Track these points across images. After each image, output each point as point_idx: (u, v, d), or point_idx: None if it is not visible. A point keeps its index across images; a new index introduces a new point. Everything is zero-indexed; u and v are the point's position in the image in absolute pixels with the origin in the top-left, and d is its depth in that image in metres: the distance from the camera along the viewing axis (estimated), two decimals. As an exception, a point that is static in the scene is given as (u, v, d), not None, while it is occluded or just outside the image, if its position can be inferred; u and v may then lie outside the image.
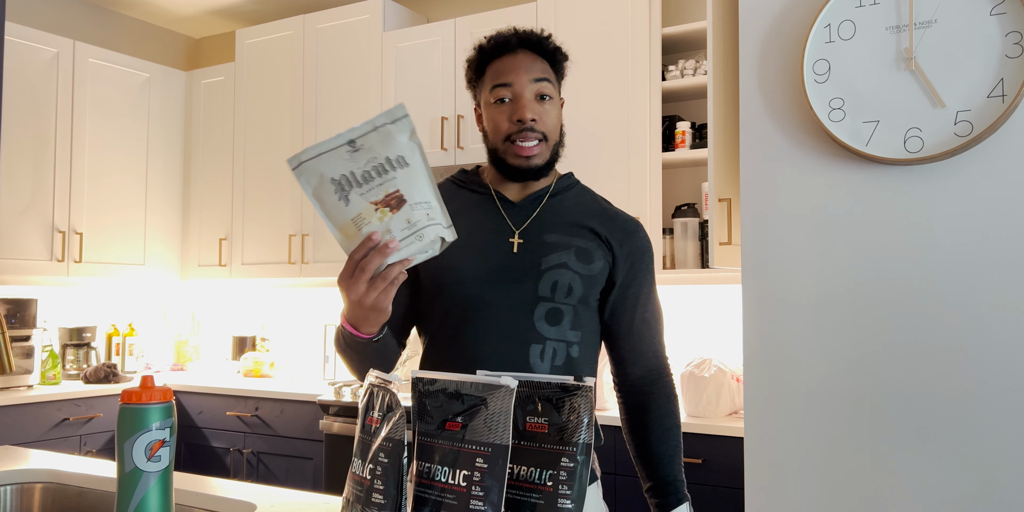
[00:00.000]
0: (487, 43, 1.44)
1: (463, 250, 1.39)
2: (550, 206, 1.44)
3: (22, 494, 1.62)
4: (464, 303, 1.38)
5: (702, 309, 3.15)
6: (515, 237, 1.40)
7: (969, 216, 1.28)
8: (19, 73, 3.50)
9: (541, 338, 1.36)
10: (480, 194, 1.46)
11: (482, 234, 1.41)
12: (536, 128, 1.38)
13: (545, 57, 1.42)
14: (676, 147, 2.98)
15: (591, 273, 1.39)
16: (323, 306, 4.11)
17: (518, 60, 1.40)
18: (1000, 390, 1.25)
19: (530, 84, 1.38)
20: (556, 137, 1.42)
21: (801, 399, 1.41)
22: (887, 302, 1.33)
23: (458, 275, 1.38)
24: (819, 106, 1.37)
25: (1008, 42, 1.25)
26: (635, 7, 2.99)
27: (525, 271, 1.37)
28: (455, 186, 1.50)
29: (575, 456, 0.94)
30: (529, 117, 1.37)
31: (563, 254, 1.38)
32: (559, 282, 1.37)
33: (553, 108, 1.41)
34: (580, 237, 1.41)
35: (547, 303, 1.37)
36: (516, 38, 1.41)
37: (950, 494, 1.28)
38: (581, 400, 0.95)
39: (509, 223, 1.42)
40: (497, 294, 1.37)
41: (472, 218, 1.43)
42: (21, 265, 3.49)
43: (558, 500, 0.93)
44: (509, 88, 1.38)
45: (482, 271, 1.38)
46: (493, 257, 1.39)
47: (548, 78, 1.40)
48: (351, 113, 3.69)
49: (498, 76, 1.40)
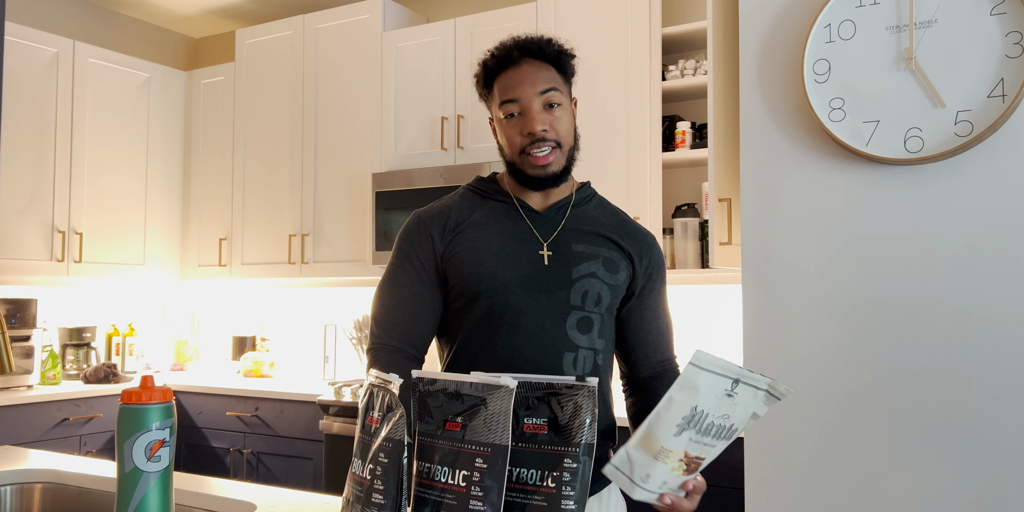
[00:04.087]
0: (490, 59, 1.44)
1: (497, 258, 1.40)
2: (574, 216, 1.46)
3: (22, 494, 1.62)
4: (499, 311, 1.38)
5: (702, 309, 3.15)
6: (544, 249, 1.42)
7: (969, 216, 1.28)
8: (19, 73, 3.50)
9: (574, 347, 1.38)
10: (505, 203, 1.47)
11: (515, 243, 1.42)
12: (548, 137, 1.39)
13: (550, 62, 1.42)
14: (676, 147, 2.98)
15: (617, 283, 1.42)
16: (323, 306, 4.10)
17: (523, 73, 1.40)
18: (998, 389, 1.25)
19: (536, 97, 1.38)
20: (570, 142, 1.43)
21: (801, 398, 1.41)
22: (886, 301, 1.33)
23: (493, 282, 1.39)
24: (819, 106, 1.37)
25: (1008, 42, 1.25)
26: (635, 7, 2.99)
27: (557, 281, 1.39)
28: (477, 196, 1.50)
29: (578, 456, 0.94)
30: (539, 129, 1.38)
31: (592, 264, 1.41)
32: (589, 291, 1.39)
33: (564, 114, 1.41)
34: (606, 248, 1.43)
35: (579, 312, 1.39)
36: (517, 50, 1.41)
37: (950, 494, 1.28)
38: (583, 400, 0.95)
39: (536, 233, 1.43)
40: (531, 303, 1.38)
41: (502, 227, 1.43)
42: (21, 265, 3.49)
43: (561, 501, 0.92)
44: (516, 103, 1.39)
45: (516, 280, 1.39)
46: (525, 266, 1.40)
47: (554, 86, 1.40)
48: (351, 113, 3.69)
49: (504, 92, 1.41)
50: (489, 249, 1.41)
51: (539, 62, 1.42)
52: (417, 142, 3.50)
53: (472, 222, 1.45)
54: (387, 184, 3.48)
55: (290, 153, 3.85)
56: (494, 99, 1.43)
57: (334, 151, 3.73)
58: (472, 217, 1.45)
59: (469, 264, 1.41)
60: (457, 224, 1.45)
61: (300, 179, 3.81)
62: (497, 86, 1.42)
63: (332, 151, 3.73)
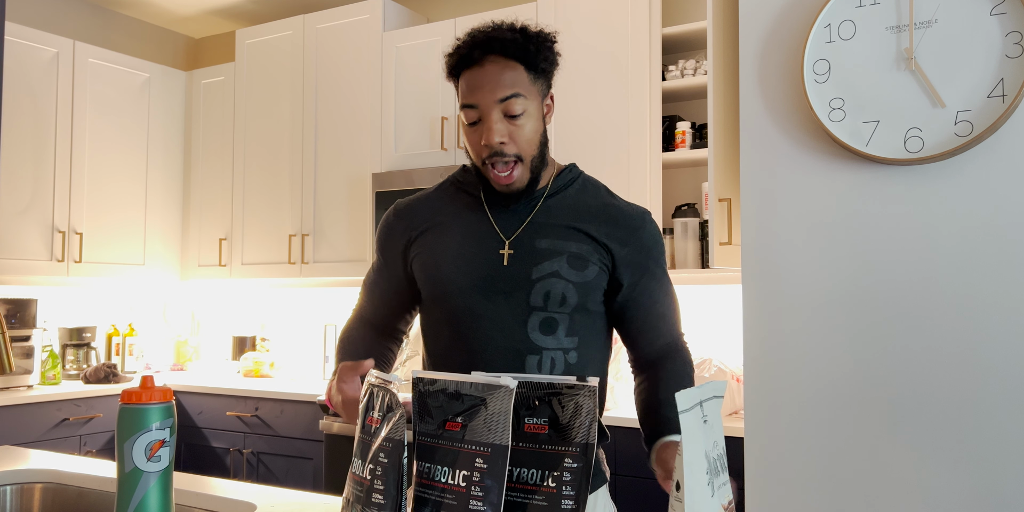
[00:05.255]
0: (452, 53, 1.34)
1: (454, 261, 1.37)
2: (545, 208, 1.39)
3: (22, 494, 1.62)
4: (458, 315, 1.36)
5: (702, 309, 3.15)
6: (505, 247, 1.36)
7: (969, 216, 1.28)
8: (19, 73, 3.50)
9: (537, 349, 1.34)
10: (474, 197, 1.43)
11: (473, 244, 1.38)
12: (507, 152, 1.32)
13: (517, 60, 1.32)
14: (676, 147, 2.98)
15: (584, 280, 1.35)
16: (323, 306, 4.11)
17: (485, 76, 1.30)
18: (1002, 390, 1.25)
19: (496, 105, 1.30)
20: (532, 151, 1.34)
21: (802, 399, 1.41)
22: (887, 302, 1.33)
23: (449, 287, 1.37)
24: (819, 106, 1.37)
25: (1008, 42, 1.25)
26: (635, 7, 2.99)
27: (516, 282, 1.34)
28: (454, 188, 1.47)
29: (578, 456, 0.94)
30: (497, 141, 1.30)
31: (555, 262, 1.34)
32: (551, 292, 1.33)
33: (527, 122, 1.32)
34: (574, 241, 1.36)
35: (541, 313, 1.34)
36: (480, 49, 1.31)
37: (951, 494, 1.28)
38: (584, 399, 0.95)
39: (499, 231, 1.38)
40: (489, 305, 1.34)
41: (465, 226, 1.40)
42: (21, 265, 3.49)
43: (561, 501, 0.92)
44: (476, 110, 1.32)
45: (473, 282, 1.35)
46: (483, 268, 1.36)
47: (517, 92, 1.30)
48: (351, 113, 3.69)
49: (465, 95, 1.33)
50: (447, 252, 1.38)
51: (504, 60, 1.31)
52: (417, 142, 3.50)
53: (437, 222, 1.42)
54: (387, 184, 3.48)
55: (290, 153, 3.85)
56: (459, 96, 1.35)
57: (334, 151, 3.73)
58: (439, 215, 1.43)
59: (427, 267, 1.40)
60: (421, 224, 1.43)
61: (300, 179, 3.81)
62: (461, 83, 1.34)
63: (332, 151, 3.73)
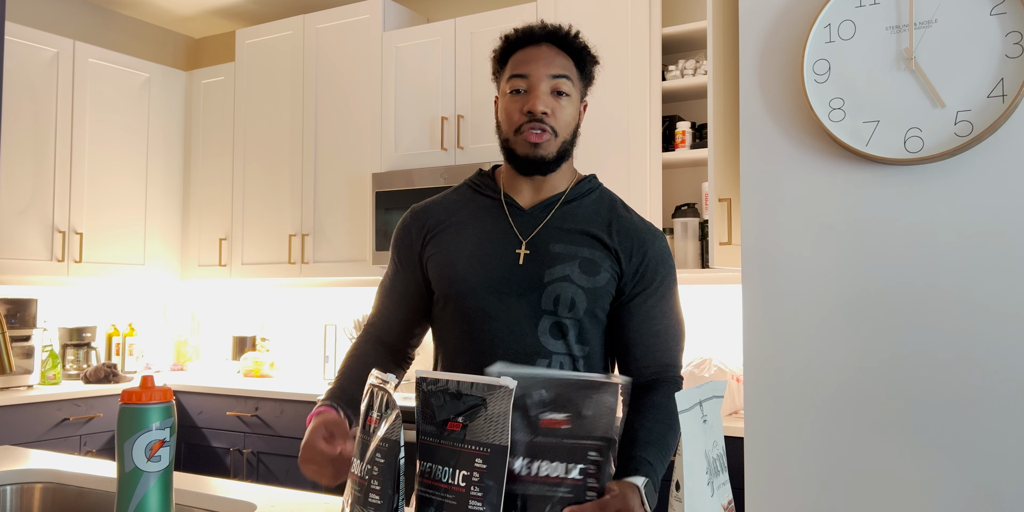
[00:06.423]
0: (512, 34, 1.41)
1: (469, 260, 1.38)
2: (561, 213, 1.40)
3: (22, 494, 1.62)
4: (470, 315, 1.37)
5: (702, 309, 3.15)
6: (522, 248, 1.37)
7: (969, 216, 1.28)
8: (19, 73, 3.50)
9: (547, 352, 1.34)
10: (492, 199, 1.44)
11: (489, 244, 1.38)
12: (547, 121, 1.35)
13: (570, 54, 1.39)
14: (676, 147, 2.98)
15: (595, 286, 1.35)
16: (323, 306, 4.10)
17: (540, 52, 1.37)
18: (1001, 390, 1.25)
19: (547, 78, 1.35)
20: (568, 135, 1.39)
21: (801, 399, 1.41)
22: (887, 302, 1.33)
23: (463, 287, 1.37)
24: (819, 106, 1.37)
25: (1008, 42, 1.25)
26: (635, 7, 2.99)
27: (528, 284, 1.35)
28: (471, 190, 1.48)
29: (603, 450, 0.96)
30: (540, 109, 1.34)
31: (567, 266, 1.35)
32: (561, 296, 1.34)
33: (569, 105, 1.38)
34: (587, 246, 1.37)
35: (551, 317, 1.34)
36: (542, 31, 1.39)
37: (951, 494, 1.28)
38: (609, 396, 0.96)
39: (517, 232, 1.39)
40: (501, 307, 1.35)
41: (481, 226, 1.41)
42: (21, 265, 3.49)
43: (586, 493, 0.95)
44: (525, 79, 1.36)
45: (487, 283, 1.36)
46: (498, 268, 1.36)
47: (568, 75, 1.37)
48: (351, 113, 3.69)
49: (517, 66, 1.37)
50: (463, 251, 1.39)
51: (559, 49, 1.38)
52: (417, 142, 3.50)
53: (453, 222, 1.43)
54: (387, 184, 3.48)
55: (290, 153, 3.85)
56: (504, 74, 1.40)
57: (334, 151, 3.73)
58: (455, 216, 1.44)
59: (442, 266, 1.40)
60: (437, 224, 1.44)
61: (300, 179, 3.81)
62: (511, 61, 1.39)
63: (332, 151, 3.73)
